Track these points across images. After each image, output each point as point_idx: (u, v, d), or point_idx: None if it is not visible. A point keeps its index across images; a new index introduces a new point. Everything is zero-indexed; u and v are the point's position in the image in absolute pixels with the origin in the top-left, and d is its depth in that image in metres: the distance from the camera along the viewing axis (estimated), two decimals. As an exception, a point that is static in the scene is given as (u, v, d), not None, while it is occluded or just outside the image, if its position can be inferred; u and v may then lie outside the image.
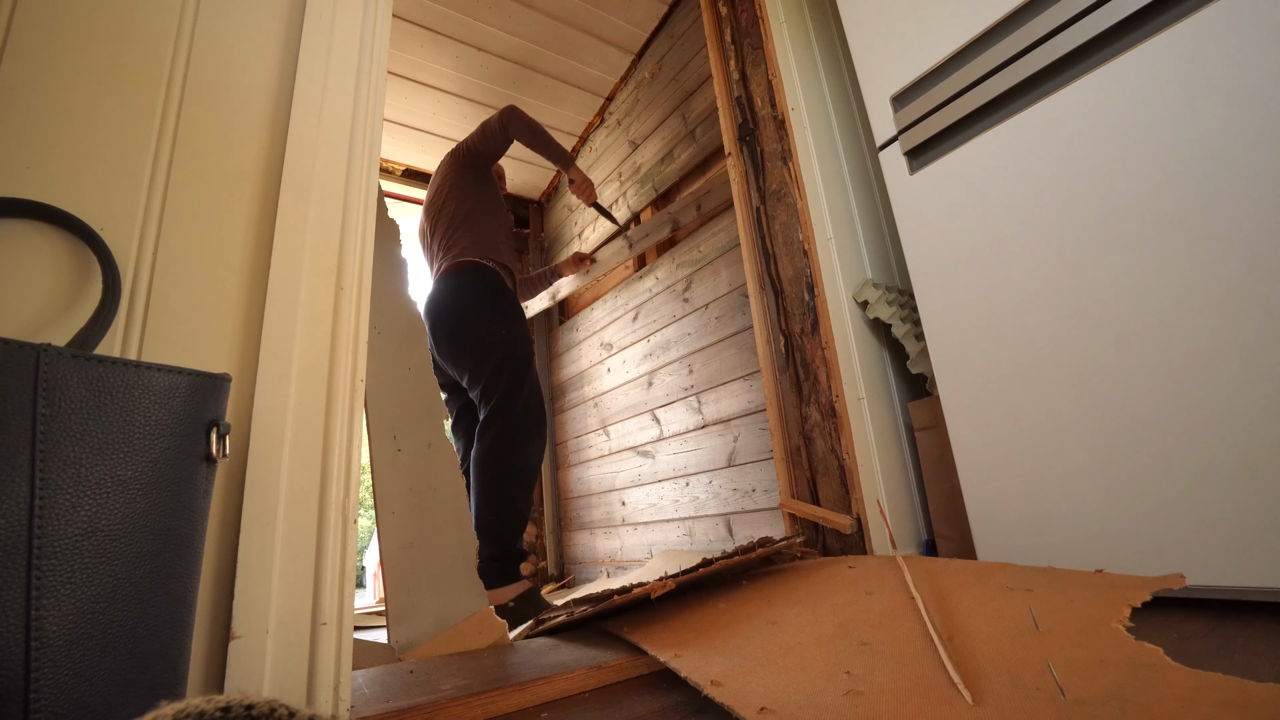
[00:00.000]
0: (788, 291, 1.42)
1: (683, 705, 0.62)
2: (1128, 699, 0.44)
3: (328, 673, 0.59)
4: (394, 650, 0.92)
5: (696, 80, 2.17)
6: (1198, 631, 0.68)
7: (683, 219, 2.12)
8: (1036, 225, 0.95)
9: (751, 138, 1.55)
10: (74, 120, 0.59)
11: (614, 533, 2.47)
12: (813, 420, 1.33)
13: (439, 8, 2.16)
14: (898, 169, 1.17)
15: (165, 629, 0.44)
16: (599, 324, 2.66)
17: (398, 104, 2.54)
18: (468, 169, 1.93)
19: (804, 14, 1.56)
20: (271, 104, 0.73)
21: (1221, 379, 0.76)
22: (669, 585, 0.91)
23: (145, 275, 0.60)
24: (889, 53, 1.20)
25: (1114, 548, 0.85)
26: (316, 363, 0.67)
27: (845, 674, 0.58)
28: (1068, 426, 0.91)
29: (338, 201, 0.73)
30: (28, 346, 0.41)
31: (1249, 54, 0.75)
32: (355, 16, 0.82)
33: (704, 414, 2.02)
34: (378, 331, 1.05)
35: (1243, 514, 0.74)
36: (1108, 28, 0.87)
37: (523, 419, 1.65)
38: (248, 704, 0.30)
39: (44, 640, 0.37)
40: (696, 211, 2.05)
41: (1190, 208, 0.79)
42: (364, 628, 1.90)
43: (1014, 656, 0.56)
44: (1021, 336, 0.97)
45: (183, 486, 0.47)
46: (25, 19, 0.59)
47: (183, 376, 0.48)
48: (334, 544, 0.63)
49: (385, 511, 0.98)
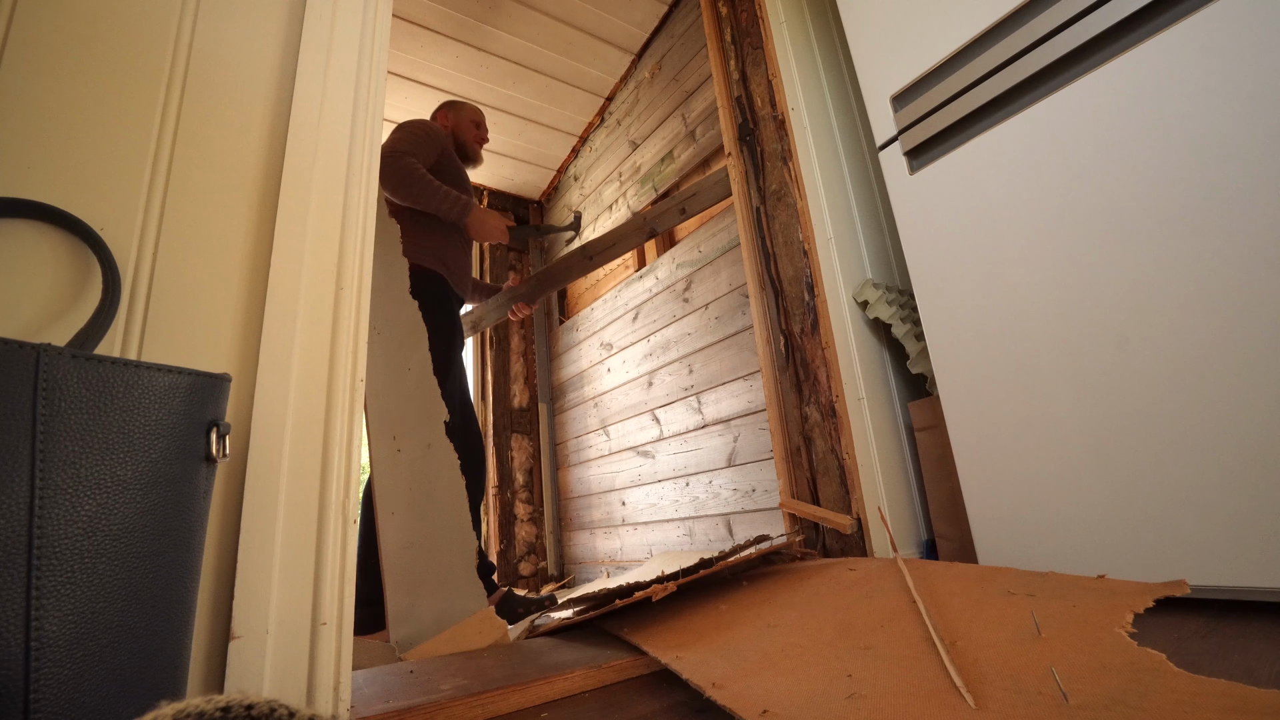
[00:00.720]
0: (788, 291, 1.42)
1: (683, 705, 0.62)
2: (1130, 704, 0.44)
3: (328, 673, 0.59)
4: (394, 650, 0.92)
5: (696, 80, 2.17)
6: (1198, 631, 0.68)
7: (659, 227, 2.01)
8: (1036, 225, 0.95)
9: (751, 138, 1.55)
10: (74, 120, 0.59)
11: (614, 533, 2.47)
12: (813, 420, 1.33)
13: (439, 8, 2.16)
14: (898, 169, 1.17)
15: (165, 629, 0.44)
16: (599, 324, 2.66)
17: (398, 104, 2.54)
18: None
19: (804, 14, 1.56)
20: (271, 104, 0.73)
21: (1221, 379, 0.76)
22: (670, 588, 0.91)
23: (145, 275, 0.60)
24: (889, 53, 1.20)
25: (1114, 547, 0.85)
26: (316, 363, 0.67)
27: (847, 677, 0.58)
28: (1068, 426, 0.91)
29: (338, 201, 0.73)
30: (28, 346, 0.41)
31: (1249, 54, 0.75)
32: (355, 16, 0.82)
33: (704, 414, 2.02)
34: (378, 331, 1.05)
35: (1243, 514, 0.74)
36: (1108, 27, 0.87)
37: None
38: (248, 704, 0.30)
39: (44, 640, 0.37)
40: (680, 215, 1.95)
41: (1191, 207, 0.79)
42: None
43: (1016, 661, 0.55)
44: (1021, 336, 0.97)
45: (183, 486, 0.47)
46: (25, 19, 0.59)
47: (183, 376, 0.48)
48: (334, 544, 0.63)
49: (385, 512, 0.98)
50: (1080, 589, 0.70)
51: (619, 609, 1.00)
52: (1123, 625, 0.57)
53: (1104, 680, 0.49)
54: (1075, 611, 0.63)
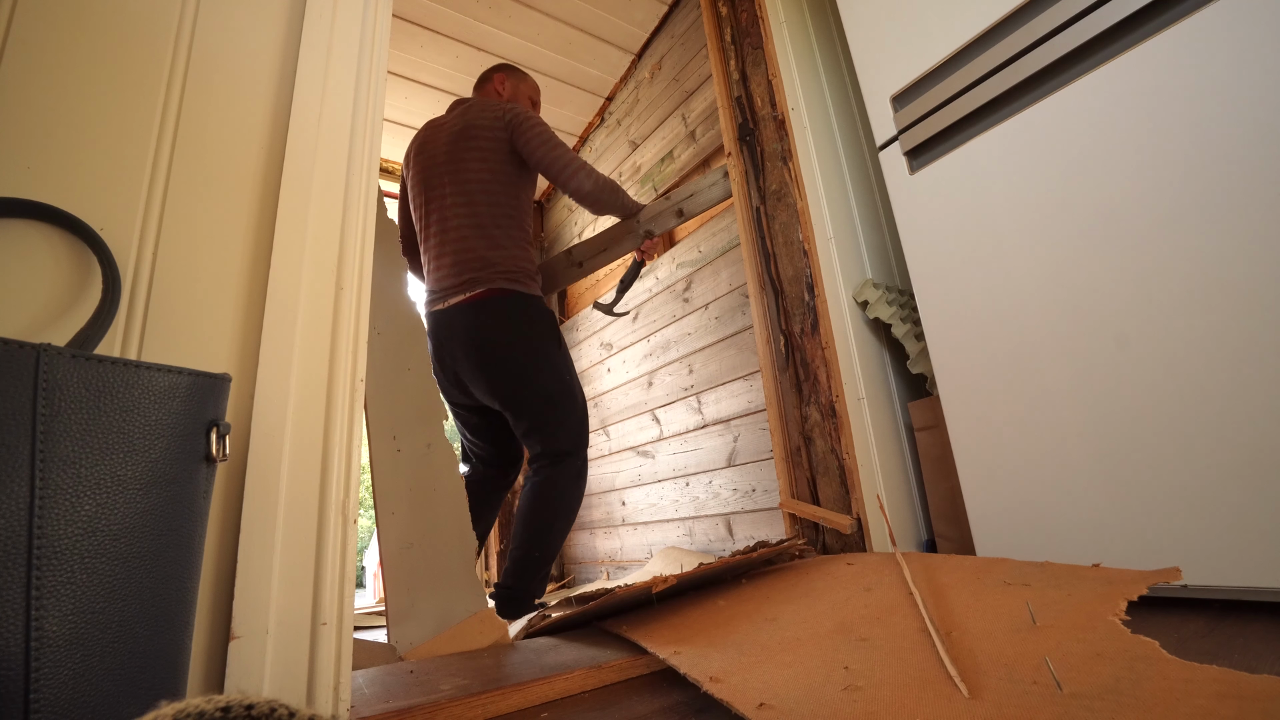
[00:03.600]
0: (788, 291, 1.42)
1: (683, 705, 0.62)
2: (1123, 692, 0.45)
3: (328, 673, 0.59)
4: (394, 650, 0.92)
5: (696, 80, 2.17)
6: (1198, 631, 0.68)
7: (655, 229, 1.86)
8: (1036, 225, 0.95)
9: (751, 138, 1.55)
10: (74, 120, 0.59)
11: (614, 533, 2.47)
12: (813, 420, 1.33)
13: (439, 8, 2.16)
14: (898, 169, 1.17)
15: (165, 629, 0.44)
16: (599, 323, 2.66)
17: (398, 104, 2.54)
18: (513, 157, 1.56)
19: (804, 14, 1.56)
20: (271, 104, 0.73)
21: (1221, 379, 0.76)
22: (670, 581, 0.91)
23: (145, 275, 0.60)
24: (889, 53, 1.20)
25: (1114, 547, 0.85)
26: (316, 363, 0.67)
27: (844, 669, 0.58)
28: (1067, 426, 0.91)
29: (338, 201, 0.73)
30: (28, 346, 0.41)
31: (1249, 54, 0.75)
32: (355, 16, 0.82)
33: (704, 414, 2.02)
34: (378, 331, 1.05)
35: (1242, 514, 0.74)
36: (1107, 28, 0.87)
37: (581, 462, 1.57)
38: (248, 704, 0.30)
39: (44, 640, 0.37)
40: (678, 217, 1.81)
41: (1190, 208, 0.79)
42: (364, 628, 1.90)
43: (1011, 651, 0.56)
44: (1021, 336, 0.97)
45: (183, 486, 0.47)
46: (25, 19, 0.59)
47: (183, 376, 0.48)
48: (334, 544, 0.63)
49: (385, 511, 0.98)
50: (1075, 578, 0.70)
51: (619, 608, 1.00)
52: (1117, 614, 0.57)
53: (1098, 668, 0.49)
54: (1069, 601, 0.63)
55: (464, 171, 1.52)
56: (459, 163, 1.53)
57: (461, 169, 1.52)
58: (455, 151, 1.53)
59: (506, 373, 1.49)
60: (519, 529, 1.50)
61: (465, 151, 1.53)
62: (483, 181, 1.52)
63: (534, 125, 1.54)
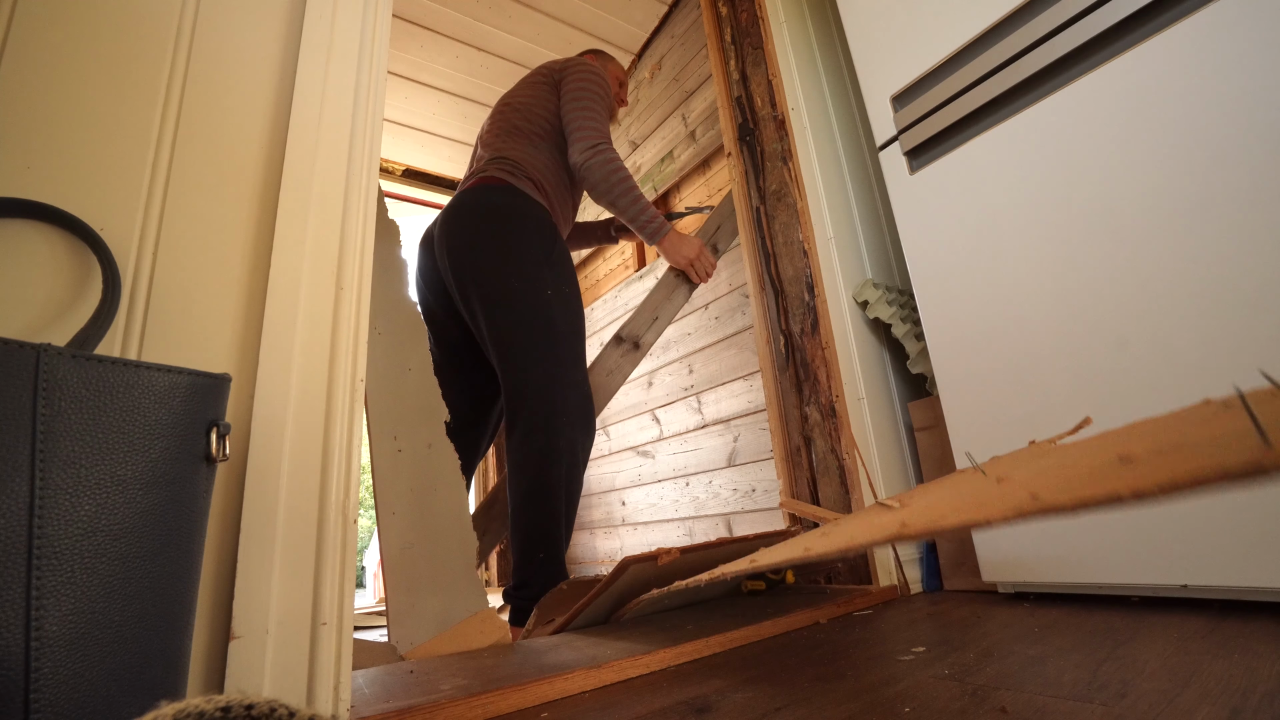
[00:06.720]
0: (788, 291, 1.42)
1: (683, 705, 0.62)
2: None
3: (328, 673, 0.59)
4: (394, 650, 0.92)
5: (696, 80, 2.17)
6: (1198, 631, 0.68)
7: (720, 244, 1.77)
8: (1036, 225, 0.95)
9: (751, 138, 1.55)
10: (74, 120, 0.59)
11: (614, 533, 2.47)
12: (813, 420, 1.33)
13: (439, 8, 2.16)
14: (898, 169, 1.17)
15: (165, 629, 0.44)
16: (599, 324, 2.66)
17: (398, 104, 2.54)
18: (557, 92, 1.47)
19: (804, 14, 1.56)
20: (271, 104, 0.73)
21: (1221, 379, 0.76)
22: (674, 554, 0.92)
23: (145, 275, 0.60)
24: (889, 53, 1.20)
25: (1115, 547, 0.85)
26: (316, 363, 0.67)
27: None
28: (1068, 427, 0.90)
29: (338, 201, 0.73)
30: (28, 346, 0.41)
31: (1250, 54, 0.75)
32: (355, 16, 0.82)
33: (704, 414, 2.02)
34: (378, 331, 1.05)
35: (1242, 514, 0.74)
36: (1107, 28, 0.87)
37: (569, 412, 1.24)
38: (248, 704, 0.30)
39: (44, 640, 0.37)
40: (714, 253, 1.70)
41: (1190, 208, 0.79)
42: (364, 628, 1.90)
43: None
44: (1022, 336, 0.97)
45: (183, 486, 0.47)
46: (25, 19, 0.59)
47: (183, 376, 0.48)
48: (334, 544, 0.63)
49: (385, 511, 0.98)
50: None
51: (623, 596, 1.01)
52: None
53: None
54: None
55: (508, 100, 1.50)
56: (509, 97, 1.52)
57: (507, 99, 1.51)
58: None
59: (473, 280, 1.26)
60: (510, 530, 1.26)
61: (518, 90, 1.52)
62: (521, 101, 1.47)
63: (582, 76, 1.43)
